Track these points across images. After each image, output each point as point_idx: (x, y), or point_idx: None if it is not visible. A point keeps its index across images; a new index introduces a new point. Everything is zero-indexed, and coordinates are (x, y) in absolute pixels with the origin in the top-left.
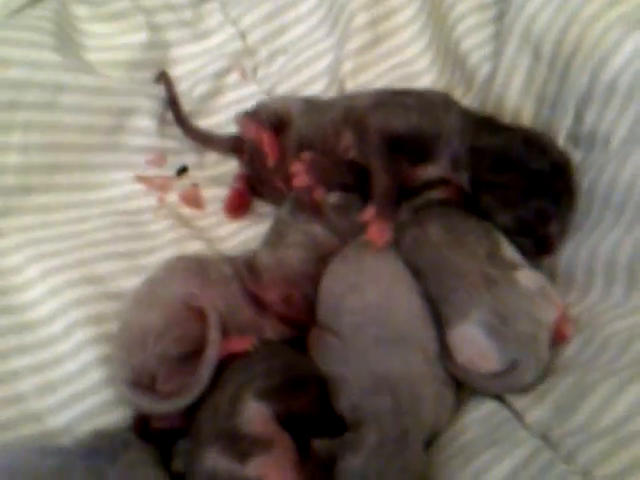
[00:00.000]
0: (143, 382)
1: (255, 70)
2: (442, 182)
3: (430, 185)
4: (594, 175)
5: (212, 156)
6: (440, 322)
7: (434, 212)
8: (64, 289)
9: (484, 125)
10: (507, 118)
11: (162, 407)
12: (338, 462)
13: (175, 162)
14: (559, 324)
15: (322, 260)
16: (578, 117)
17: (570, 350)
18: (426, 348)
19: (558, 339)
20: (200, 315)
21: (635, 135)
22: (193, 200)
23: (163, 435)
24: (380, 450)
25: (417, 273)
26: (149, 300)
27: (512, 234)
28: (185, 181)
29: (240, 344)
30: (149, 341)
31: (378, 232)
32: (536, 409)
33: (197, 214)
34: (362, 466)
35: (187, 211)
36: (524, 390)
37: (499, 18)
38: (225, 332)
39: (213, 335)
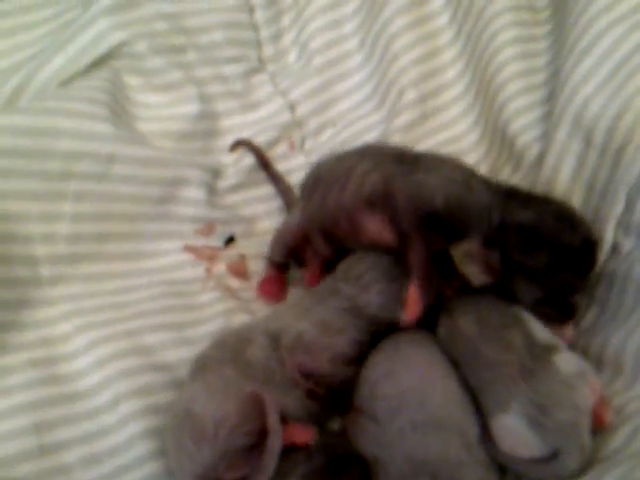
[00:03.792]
0: (209, 474)
1: (303, 142)
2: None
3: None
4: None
5: (260, 226)
6: (480, 409)
7: (463, 302)
8: (111, 360)
9: (513, 197)
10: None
11: None
12: None
13: (223, 232)
14: (597, 408)
15: None
16: (629, 206)
17: (617, 441)
18: (465, 433)
19: (597, 424)
20: (260, 404)
21: None
22: (240, 271)
23: None
24: None
25: (454, 363)
26: (224, 390)
27: (536, 305)
28: (232, 251)
29: (302, 435)
30: (221, 434)
31: (415, 308)
32: None
33: (243, 285)
34: None
35: (234, 282)
36: (570, 477)
37: (549, 99)
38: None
39: (274, 424)
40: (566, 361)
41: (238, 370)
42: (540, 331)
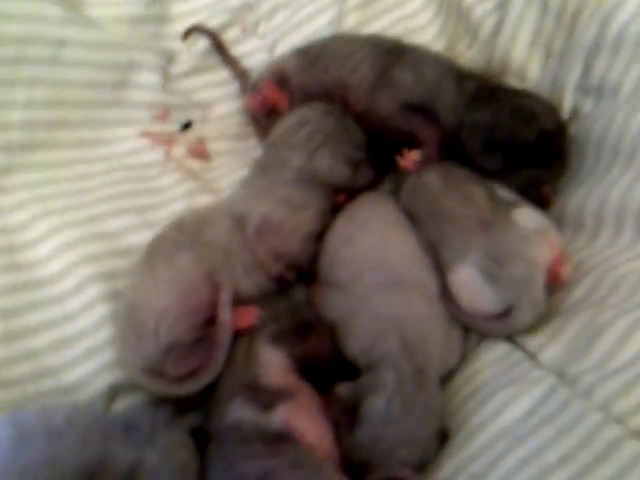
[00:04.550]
0: (154, 367)
1: (257, 25)
2: None
3: None
4: (604, 124)
5: (216, 110)
6: (440, 266)
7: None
8: (73, 245)
9: (479, 95)
10: (513, 72)
11: (176, 391)
12: (362, 404)
13: (179, 117)
14: (555, 265)
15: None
16: (586, 69)
17: (580, 291)
18: (426, 289)
19: (554, 280)
20: (215, 292)
21: None
22: (200, 152)
23: None
24: (400, 389)
25: (416, 220)
26: (170, 280)
27: None
28: (191, 135)
29: (246, 318)
30: (162, 327)
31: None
32: (550, 349)
33: (204, 167)
34: (385, 405)
35: (194, 164)
36: (526, 331)
37: None
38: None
39: (226, 317)
40: (526, 216)
41: (195, 253)
42: (504, 191)
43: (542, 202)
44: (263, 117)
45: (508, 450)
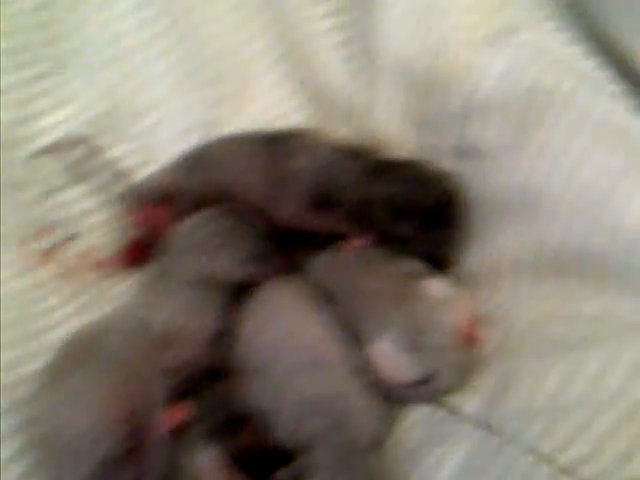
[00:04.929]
0: None
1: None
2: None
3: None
4: (487, 183)
5: (96, 218)
6: (359, 340)
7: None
8: None
9: (375, 171)
10: (390, 146)
11: None
12: None
13: (62, 231)
14: (469, 327)
15: None
16: (458, 134)
17: (491, 345)
18: (346, 365)
19: (470, 342)
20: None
21: (517, 143)
22: (89, 263)
23: None
24: (340, 465)
25: (332, 297)
26: (81, 396)
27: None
28: (76, 247)
29: (177, 415)
30: (90, 447)
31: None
32: (471, 402)
33: (95, 277)
34: None
35: (85, 276)
36: (449, 392)
37: (365, 51)
38: None
39: (154, 421)
40: (435, 286)
41: (102, 364)
42: (409, 263)
43: (444, 263)
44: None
45: None
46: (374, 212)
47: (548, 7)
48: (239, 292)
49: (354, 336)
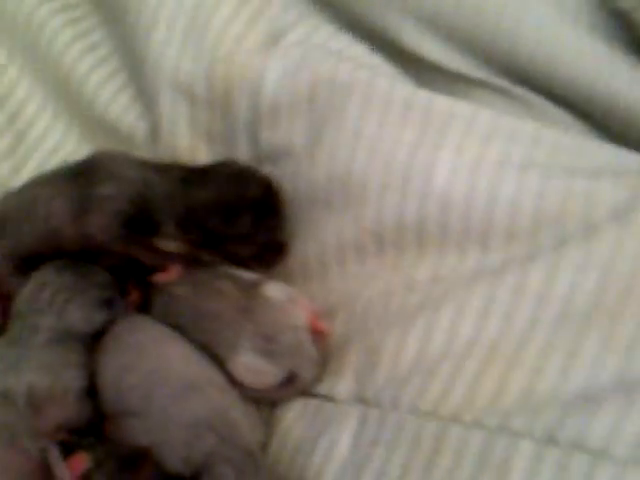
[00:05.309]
0: None
1: None
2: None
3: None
4: (292, 180)
5: None
6: (218, 360)
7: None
8: None
9: (189, 180)
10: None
11: None
12: None
13: None
14: (313, 322)
15: None
16: (252, 141)
17: (339, 327)
18: (217, 382)
19: (318, 334)
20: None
21: (313, 141)
22: None
23: None
24: (243, 476)
25: (178, 331)
26: None
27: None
28: None
29: (79, 465)
30: None
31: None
32: (341, 385)
33: None
34: None
35: None
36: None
37: (136, 77)
38: None
39: (62, 474)
40: (273, 290)
41: None
42: (244, 273)
43: (281, 249)
44: None
45: None
46: (203, 221)
47: (304, 4)
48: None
49: (213, 356)
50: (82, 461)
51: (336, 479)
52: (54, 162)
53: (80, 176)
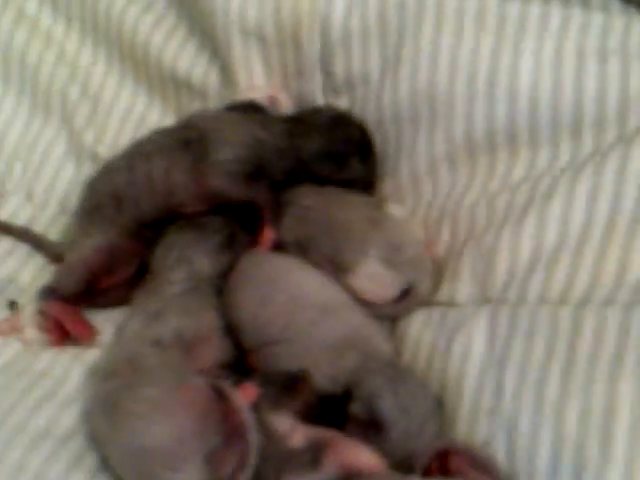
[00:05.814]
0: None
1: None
2: None
3: None
4: (374, 105)
5: (24, 278)
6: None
7: (297, 192)
8: None
9: (293, 132)
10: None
11: None
12: (374, 414)
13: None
14: (426, 242)
15: None
16: (326, 74)
17: (445, 238)
18: (347, 301)
19: (431, 248)
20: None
21: (392, 63)
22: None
23: None
24: (392, 385)
25: (306, 246)
26: (157, 410)
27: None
28: (28, 312)
29: (250, 393)
30: (190, 451)
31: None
32: (461, 289)
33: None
34: (394, 402)
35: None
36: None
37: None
38: None
39: (239, 404)
40: (394, 207)
41: (155, 387)
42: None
43: (372, 184)
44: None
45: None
46: (317, 169)
47: None
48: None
49: (338, 269)
50: (252, 389)
51: (479, 376)
52: (131, 124)
53: (191, 145)
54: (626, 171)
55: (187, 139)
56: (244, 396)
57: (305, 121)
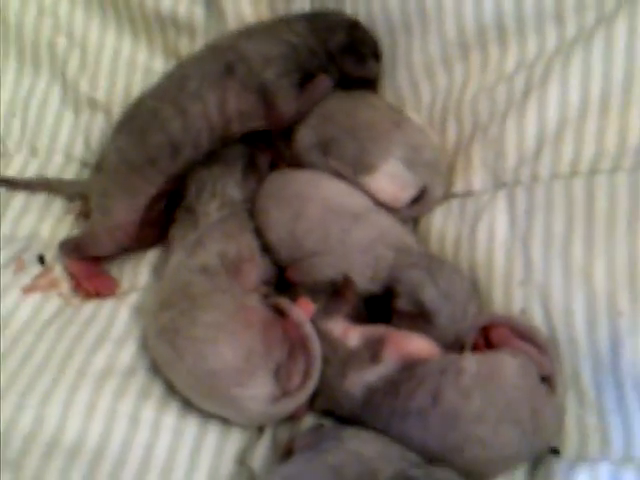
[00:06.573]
0: (273, 397)
1: None
2: None
3: None
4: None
5: (44, 232)
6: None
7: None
8: None
9: (314, 28)
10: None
11: (300, 399)
12: (420, 304)
13: (29, 259)
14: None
15: None
16: None
17: (451, 135)
18: (371, 205)
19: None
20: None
21: None
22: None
23: None
24: (431, 275)
25: (331, 145)
26: (221, 336)
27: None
28: (58, 266)
29: (308, 306)
30: (258, 365)
31: None
32: (475, 178)
33: None
34: (436, 292)
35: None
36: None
37: None
38: None
39: (302, 319)
40: (412, 114)
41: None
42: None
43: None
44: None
45: (527, 253)
46: (343, 63)
47: None
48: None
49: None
50: (309, 303)
51: (506, 253)
52: (122, 68)
53: (234, 68)
54: (613, 48)
55: (228, 64)
56: (303, 310)
57: (325, 19)
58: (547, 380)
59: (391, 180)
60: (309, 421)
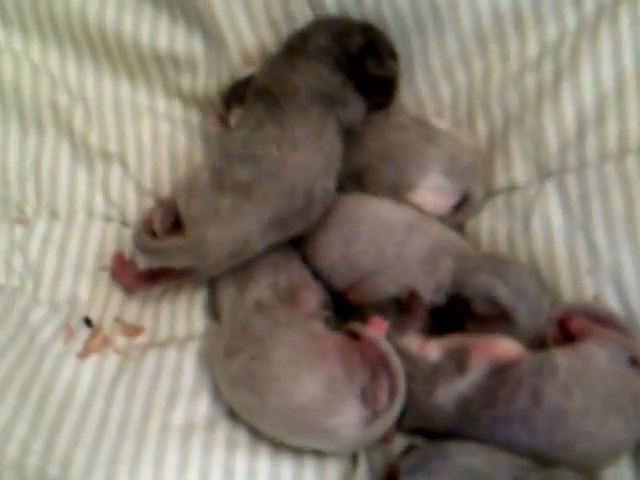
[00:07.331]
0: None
1: None
2: None
3: None
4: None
5: (81, 292)
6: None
7: None
8: None
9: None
10: None
11: (392, 417)
12: (498, 304)
13: (77, 324)
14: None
15: None
16: (316, 8)
17: (482, 132)
18: (420, 217)
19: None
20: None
21: None
22: (132, 328)
23: None
24: (499, 272)
25: (368, 173)
26: (301, 364)
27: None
28: (106, 325)
29: (380, 325)
30: (342, 393)
31: None
32: (518, 171)
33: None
34: (508, 290)
35: (142, 339)
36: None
37: None
38: None
39: (386, 348)
40: (437, 121)
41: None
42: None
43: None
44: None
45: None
46: (363, 63)
47: None
48: None
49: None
50: (381, 322)
51: (567, 242)
52: (126, 114)
53: (292, 51)
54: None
55: (293, 44)
56: (376, 329)
57: (338, 24)
58: (635, 362)
59: (432, 192)
60: (399, 442)
